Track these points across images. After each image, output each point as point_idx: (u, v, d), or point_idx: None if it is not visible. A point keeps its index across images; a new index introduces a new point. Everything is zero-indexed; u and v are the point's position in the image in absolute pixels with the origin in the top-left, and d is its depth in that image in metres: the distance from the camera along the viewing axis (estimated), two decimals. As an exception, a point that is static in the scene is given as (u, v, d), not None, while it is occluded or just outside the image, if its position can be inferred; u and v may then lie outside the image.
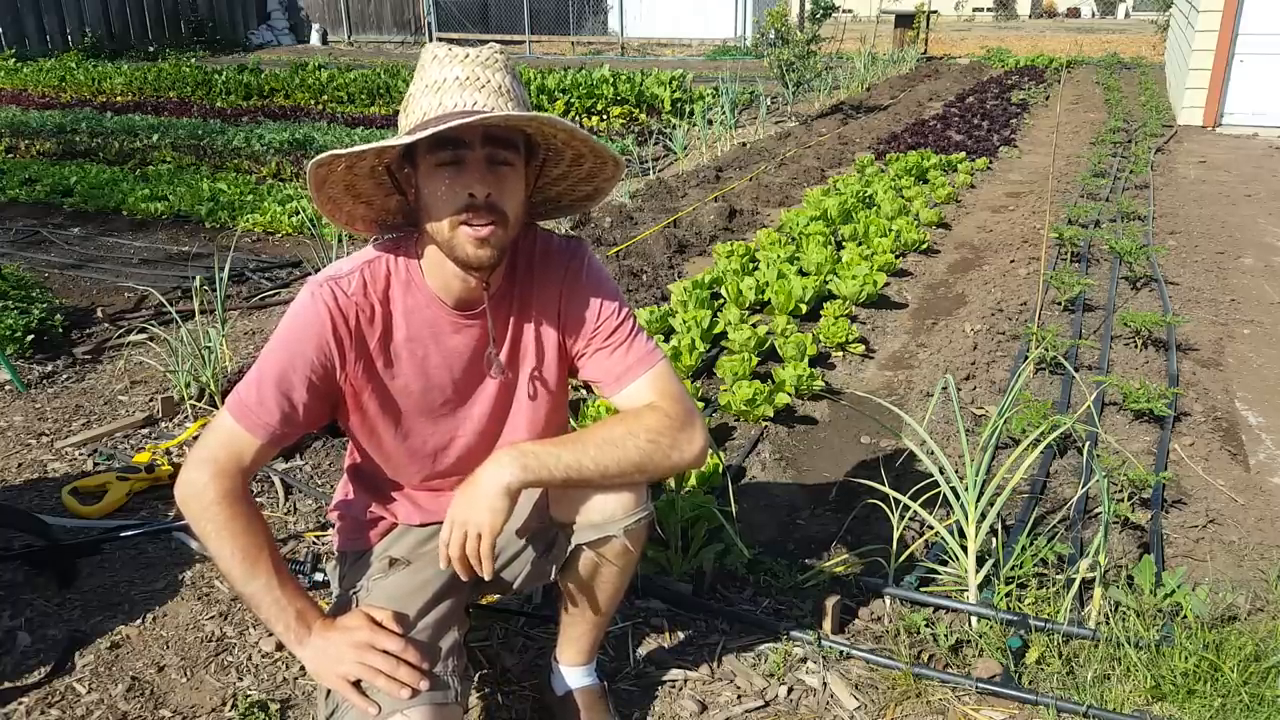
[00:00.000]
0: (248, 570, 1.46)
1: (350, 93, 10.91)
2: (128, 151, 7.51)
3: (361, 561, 1.71)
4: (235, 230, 5.55)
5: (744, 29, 18.27)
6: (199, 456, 1.49)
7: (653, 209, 5.97)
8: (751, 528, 2.59)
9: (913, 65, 14.71)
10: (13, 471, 2.88)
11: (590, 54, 17.66)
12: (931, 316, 4.34)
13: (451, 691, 1.48)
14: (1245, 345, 3.96)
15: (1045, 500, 2.71)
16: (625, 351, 1.62)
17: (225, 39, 19.38)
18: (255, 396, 1.49)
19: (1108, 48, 17.18)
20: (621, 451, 1.50)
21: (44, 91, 11.81)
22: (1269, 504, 2.72)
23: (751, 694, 1.99)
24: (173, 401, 3.26)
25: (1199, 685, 1.90)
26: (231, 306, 4.27)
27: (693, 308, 3.96)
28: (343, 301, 1.51)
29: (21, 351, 3.68)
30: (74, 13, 16.82)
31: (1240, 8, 8.89)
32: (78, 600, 2.26)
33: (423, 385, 1.60)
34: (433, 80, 1.42)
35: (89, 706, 1.93)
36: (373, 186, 1.53)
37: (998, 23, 27.92)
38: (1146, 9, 25.60)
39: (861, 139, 8.55)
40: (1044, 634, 2.07)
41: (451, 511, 1.47)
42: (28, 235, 5.46)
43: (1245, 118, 9.17)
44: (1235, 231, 5.63)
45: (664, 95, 10.30)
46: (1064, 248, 5.08)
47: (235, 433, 1.48)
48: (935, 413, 3.20)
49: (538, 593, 2.22)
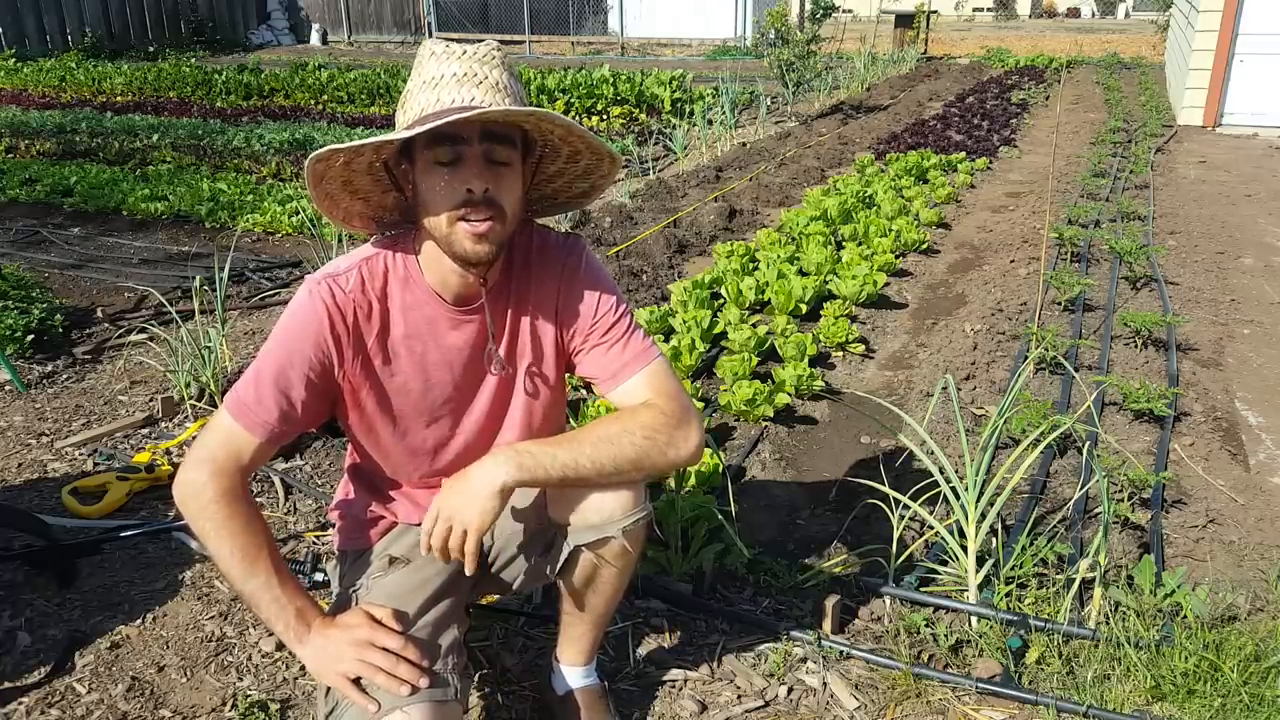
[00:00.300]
0: (246, 569, 1.46)
1: (350, 93, 10.91)
2: (128, 151, 7.51)
3: (361, 560, 1.71)
4: (235, 230, 5.55)
5: (744, 29, 18.27)
6: (197, 456, 1.49)
7: (653, 209, 5.97)
8: (751, 528, 2.59)
9: (913, 65, 14.71)
10: (13, 471, 2.88)
11: (590, 54, 17.66)
12: (931, 316, 4.34)
13: (451, 689, 1.48)
14: (1245, 345, 3.96)
15: (1045, 500, 2.71)
16: (622, 348, 1.62)
17: (225, 39, 19.39)
18: (253, 395, 1.48)
19: (1108, 48, 17.18)
20: (618, 449, 1.50)
21: (44, 91, 11.82)
22: (1269, 504, 2.72)
23: (751, 694, 1.99)
24: (173, 401, 3.26)
25: (1199, 685, 1.90)
26: (231, 306, 4.27)
27: (693, 308, 3.96)
28: (340, 299, 1.51)
29: (21, 351, 3.68)
30: (74, 13, 16.82)
31: (1240, 8, 8.89)
32: (78, 600, 2.26)
33: (421, 383, 1.60)
34: (430, 76, 1.42)
35: (89, 706, 1.93)
36: (370, 183, 1.53)
37: (998, 23, 27.93)
38: (1146, 9, 25.60)
39: (861, 139, 8.55)
40: (1044, 634, 2.07)
41: (439, 501, 1.46)
42: (28, 235, 5.46)
43: (1245, 118, 9.17)
44: (1235, 231, 5.63)
45: (664, 95, 10.30)
46: (1064, 248, 5.08)
47: (234, 431, 1.48)
48: (935, 413, 3.20)
49: (538, 593, 2.22)
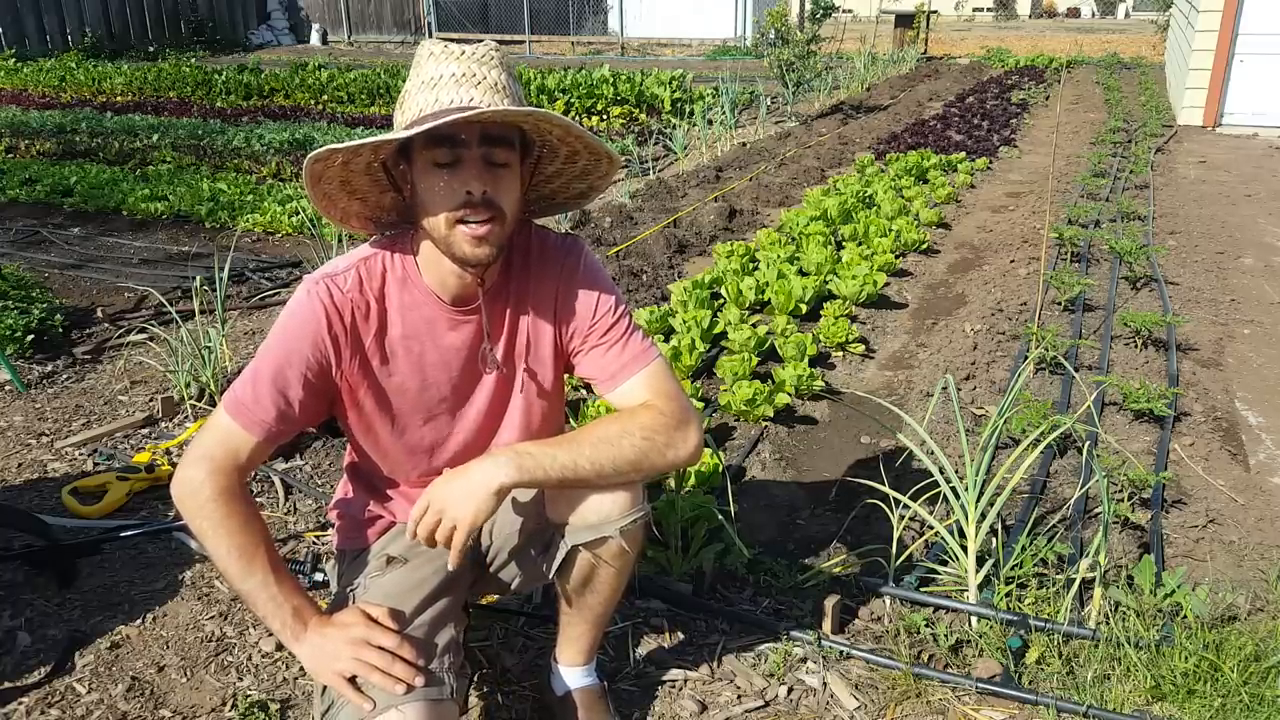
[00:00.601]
0: (244, 567, 1.46)
1: (350, 93, 10.91)
2: (128, 151, 7.51)
3: (360, 559, 1.71)
4: (235, 230, 5.55)
5: (744, 29, 18.28)
6: (195, 454, 1.49)
7: (653, 209, 5.97)
8: (751, 528, 2.59)
9: (913, 65, 14.71)
10: (13, 471, 2.88)
11: (590, 54, 17.66)
12: (931, 316, 4.34)
13: (447, 688, 1.48)
14: (1245, 345, 3.96)
15: (1045, 500, 2.71)
16: (621, 349, 1.62)
17: (225, 39, 19.39)
18: (251, 394, 1.49)
19: (1108, 48, 17.18)
20: (617, 450, 1.50)
21: (44, 91, 11.82)
22: (1269, 504, 2.72)
23: (751, 694, 1.99)
24: (173, 401, 3.26)
25: (1199, 685, 1.90)
26: (231, 306, 4.27)
27: (693, 308, 3.96)
28: (338, 298, 1.51)
29: (21, 351, 3.68)
30: (74, 13, 16.82)
31: (1240, 8, 8.89)
32: (78, 600, 2.26)
33: (419, 382, 1.60)
34: (429, 77, 1.42)
35: (89, 706, 1.93)
36: (368, 183, 1.53)
37: (998, 23, 27.93)
38: (1146, 9, 25.60)
39: (861, 139, 8.54)
40: (1044, 634, 2.07)
41: (433, 491, 1.45)
42: (28, 235, 5.46)
43: (1245, 118, 9.17)
44: (1235, 231, 5.63)
45: (664, 95, 10.30)
46: (1064, 248, 5.08)
47: (232, 430, 1.49)
48: (935, 413, 3.20)
49: (538, 592, 2.22)
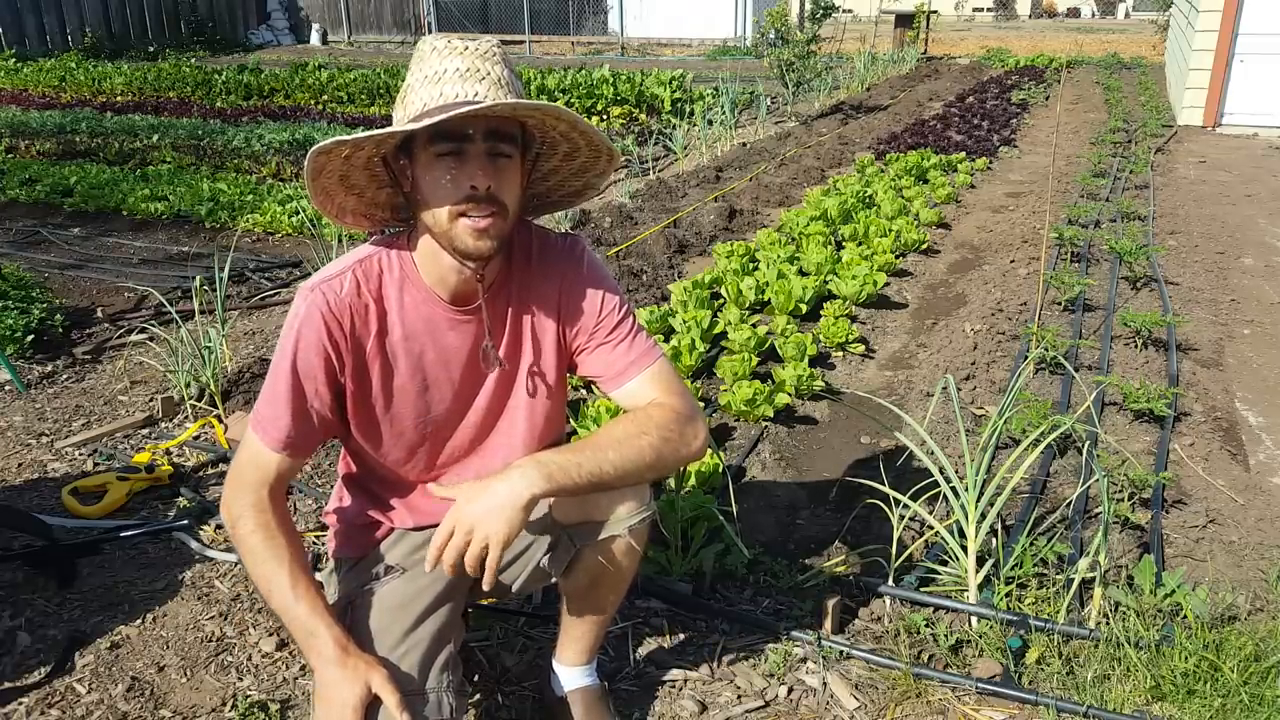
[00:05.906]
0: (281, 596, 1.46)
1: (350, 93, 10.92)
2: (128, 151, 7.52)
3: (357, 568, 1.69)
4: (235, 230, 5.55)
5: (744, 29, 18.28)
6: (231, 477, 1.54)
7: (653, 209, 5.97)
8: (751, 528, 2.59)
9: (913, 65, 14.72)
10: (13, 471, 2.88)
11: (590, 54, 17.67)
12: (931, 316, 4.34)
13: (446, 708, 1.48)
14: (1245, 345, 3.96)
15: (1045, 500, 2.71)
16: (627, 347, 1.62)
17: (225, 39, 19.40)
18: (269, 412, 1.50)
19: (1108, 48, 17.18)
20: (637, 450, 1.50)
21: (44, 91, 11.83)
22: (1269, 504, 2.72)
23: (751, 694, 1.99)
24: (173, 401, 3.26)
25: (1199, 685, 1.90)
26: (231, 306, 4.27)
27: (693, 308, 3.96)
28: (335, 304, 1.51)
29: (21, 351, 3.68)
30: (74, 13, 16.83)
31: (1240, 8, 8.89)
32: (78, 600, 2.26)
33: (420, 383, 1.59)
34: (432, 71, 1.42)
35: (89, 706, 1.93)
36: (366, 178, 1.53)
37: (998, 23, 27.93)
38: (1146, 9, 25.60)
39: (861, 139, 8.55)
40: (1044, 634, 2.07)
41: (457, 514, 1.41)
42: (28, 235, 5.47)
43: (1245, 118, 9.18)
44: (1235, 231, 5.63)
45: (664, 95, 10.31)
46: (1064, 248, 5.08)
47: (259, 449, 1.51)
48: (935, 413, 3.20)
49: (538, 593, 2.22)
